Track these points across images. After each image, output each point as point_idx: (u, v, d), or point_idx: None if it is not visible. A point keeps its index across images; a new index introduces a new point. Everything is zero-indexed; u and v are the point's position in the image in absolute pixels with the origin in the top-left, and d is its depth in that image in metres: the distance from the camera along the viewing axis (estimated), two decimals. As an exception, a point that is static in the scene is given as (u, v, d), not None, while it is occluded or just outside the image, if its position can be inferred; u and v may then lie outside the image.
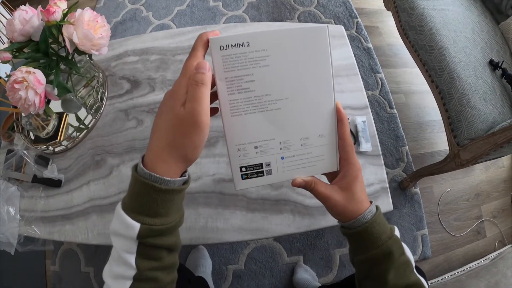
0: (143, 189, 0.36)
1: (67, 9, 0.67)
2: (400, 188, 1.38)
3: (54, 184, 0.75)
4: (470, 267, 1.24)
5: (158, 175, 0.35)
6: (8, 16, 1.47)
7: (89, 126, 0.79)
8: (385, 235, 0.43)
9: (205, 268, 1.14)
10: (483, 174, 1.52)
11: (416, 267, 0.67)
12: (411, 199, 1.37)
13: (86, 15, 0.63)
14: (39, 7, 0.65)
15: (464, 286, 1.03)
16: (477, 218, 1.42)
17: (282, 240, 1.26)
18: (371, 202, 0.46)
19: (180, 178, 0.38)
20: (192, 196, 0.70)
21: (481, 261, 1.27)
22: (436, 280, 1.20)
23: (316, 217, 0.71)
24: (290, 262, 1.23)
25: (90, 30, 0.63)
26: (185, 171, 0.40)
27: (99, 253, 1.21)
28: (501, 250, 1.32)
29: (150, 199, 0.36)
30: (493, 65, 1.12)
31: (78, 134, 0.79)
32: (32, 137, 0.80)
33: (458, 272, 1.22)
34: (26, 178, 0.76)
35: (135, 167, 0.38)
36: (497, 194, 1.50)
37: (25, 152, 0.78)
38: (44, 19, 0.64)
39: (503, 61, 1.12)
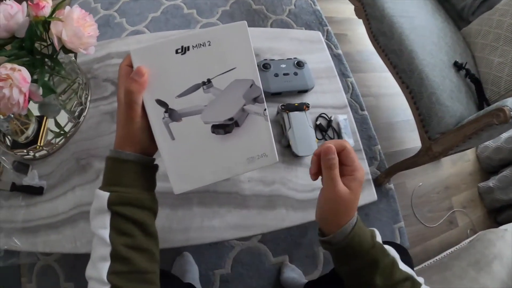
0: (111, 163, 0.43)
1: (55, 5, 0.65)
2: (376, 185, 1.44)
3: (35, 191, 0.71)
4: (451, 251, 1.31)
5: (120, 150, 0.43)
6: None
7: (70, 131, 0.76)
8: (367, 244, 0.44)
9: (192, 274, 1.12)
10: (451, 168, 1.63)
11: (401, 249, 0.70)
12: (387, 194, 1.44)
13: (75, 12, 0.61)
14: (24, 2, 0.62)
15: (448, 267, 1.09)
16: (448, 209, 1.52)
17: (267, 241, 1.27)
18: None
19: (139, 154, 0.44)
20: (187, 197, 0.70)
21: (458, 246, 1.35)
22: (419, 267, 1.25)
23: (308, 210, 0.73)
24: (277, 263, 1.24)
25: (79, 27, 0.61)
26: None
27: (79, 267, 1.14)
28: (475, 235, 1.41)
29: (116, 171, 0.43)
30: (458, 66, 1.22)
31: (57, 140, 0.76)
32: (9, 143, 0.76)
33: (440, 257, 1.28)
34: (3, 186, 0.71)
35: None
36: (465, 186, 1.61)
37: (3, 157, 0.74)
38: (32, 14, 0.61)
39: (466, 63, 1.22)
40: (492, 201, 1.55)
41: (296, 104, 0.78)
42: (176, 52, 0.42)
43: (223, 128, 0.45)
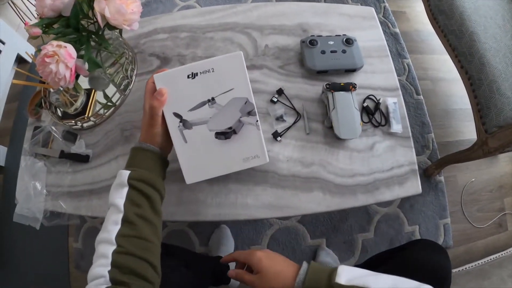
0: (134, 152, 0.55)
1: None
2: (425, 175, 1.36)
3: (82, 159, 0.75)
4: (493, 258, 1.22)
5: (142, 142, 0.55)
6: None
7: (117, 103, 0.79)
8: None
9: (228, 248, 1.15)
10: (507, 166, 1.48)
11: (435, 246, 0.67)
12: (435, 187, 1.34)
13: (117, -10, 0.63)
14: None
15: (487, 275, 1.01)
16: (499, 211, 1.39)
17: (306, 222, 1.26)
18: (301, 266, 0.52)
19: (157, 148, 0.55)
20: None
21: (503, 253, 1.25)
22: (457, 270, 1.18)
23: (346, 196, 0.70)
24: (313, 245, 1.23)
25: (122, 4, 0.62)
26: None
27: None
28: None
29: (138, 157, 0.54)
30: (524, 53, 1.09)
31: (105, 111, 0.79)
32: (60, 114, 0.80)
33: (481, 263, 1.20)
34: (53, 154, 0.76)
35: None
36: (521, 187, 1.46)
37: (53, 127, 0.78)
38: (76, -7, 0.63)
39: (534, 49, 1.08)
40: (549, 206, 1.39)
41: (342, 84, 0.74)
42: (188, 77, 0.54)
43: (224, 135, 0.58)
